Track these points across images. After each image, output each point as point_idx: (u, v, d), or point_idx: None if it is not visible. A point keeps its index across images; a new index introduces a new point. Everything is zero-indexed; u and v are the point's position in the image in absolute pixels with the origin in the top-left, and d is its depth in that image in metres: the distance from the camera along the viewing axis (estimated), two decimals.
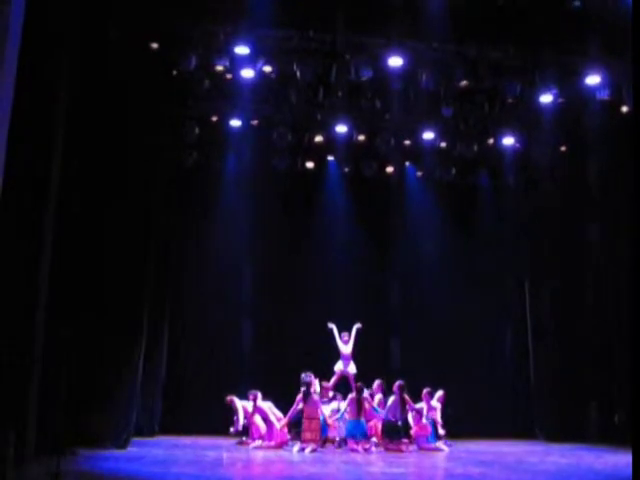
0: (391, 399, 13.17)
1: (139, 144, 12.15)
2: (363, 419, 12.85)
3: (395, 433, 12.94)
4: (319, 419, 12.88)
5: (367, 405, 13.09)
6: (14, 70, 7.13)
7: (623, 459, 11.54)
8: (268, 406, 13.39)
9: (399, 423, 12.99)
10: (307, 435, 12.68)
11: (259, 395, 13.46)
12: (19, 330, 8.95)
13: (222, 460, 10.91)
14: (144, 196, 12.54)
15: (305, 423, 12.76)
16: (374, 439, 13.04)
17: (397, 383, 13.23)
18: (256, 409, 13.33)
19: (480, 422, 15.93)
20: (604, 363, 15.22)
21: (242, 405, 13.44)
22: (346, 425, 12.93)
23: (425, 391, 13.83)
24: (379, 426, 13.21)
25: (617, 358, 14.85)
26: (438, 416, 13.87)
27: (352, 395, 12.94)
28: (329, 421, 13.21)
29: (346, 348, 14.44)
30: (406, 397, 13.09)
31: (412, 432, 13.38)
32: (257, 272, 16.43)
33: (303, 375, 12.99)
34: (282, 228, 16.46)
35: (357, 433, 12.75)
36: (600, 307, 15.53)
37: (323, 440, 13.06)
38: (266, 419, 13.23)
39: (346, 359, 14.34)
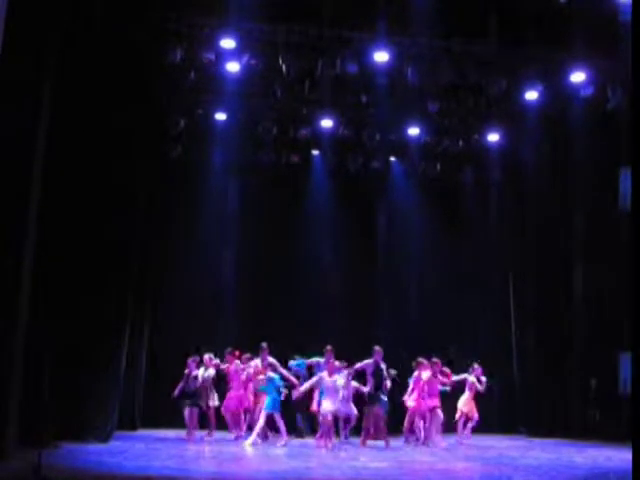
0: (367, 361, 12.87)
1: (123, 137, 12.06)
2: None
3: (377, 400, 12.64)
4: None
5: None
6: None
7: (603, 454, 11.70)
8: None
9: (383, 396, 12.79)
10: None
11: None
12: (0, 323, 8.90)
13: (204, 454, 10.90)
14: (127, 189, 12.45)
15: None
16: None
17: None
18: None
19: None
20: (587, 360, 15.32)
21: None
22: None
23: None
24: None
25: (600, 354, 14.95)
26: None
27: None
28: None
29: None
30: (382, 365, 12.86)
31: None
32: (241, 267, 16.38)
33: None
34: (267, 222, 16.42)
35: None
36: (584, 303, 15.60)
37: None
38: None
39: None
